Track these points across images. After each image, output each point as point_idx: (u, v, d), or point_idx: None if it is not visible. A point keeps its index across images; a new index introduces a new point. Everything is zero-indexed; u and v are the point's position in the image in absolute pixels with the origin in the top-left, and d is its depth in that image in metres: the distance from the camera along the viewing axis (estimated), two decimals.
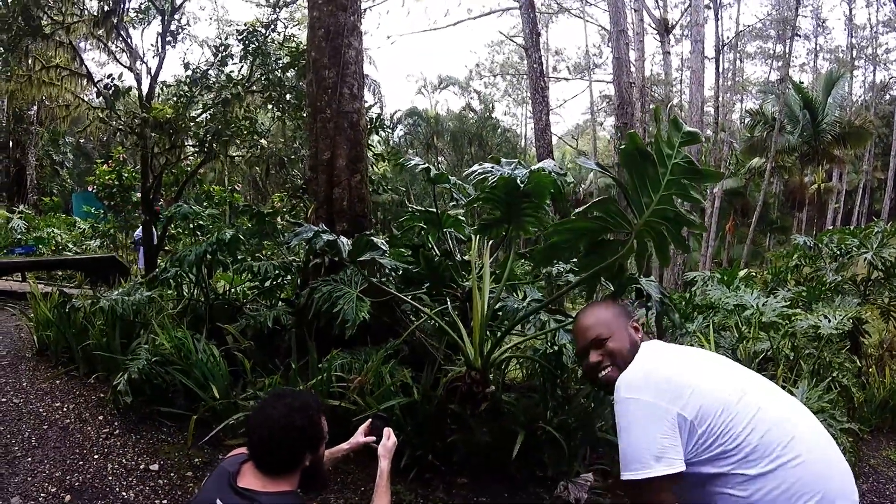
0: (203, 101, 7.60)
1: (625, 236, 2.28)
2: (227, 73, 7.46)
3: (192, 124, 7.13)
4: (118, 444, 3.18)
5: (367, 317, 3.08)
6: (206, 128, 7.18)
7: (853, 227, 8.18)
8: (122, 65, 7.38)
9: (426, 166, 3.26)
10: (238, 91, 7.11)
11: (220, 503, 1.53)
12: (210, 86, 7.34)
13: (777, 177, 25.84)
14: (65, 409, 3.48)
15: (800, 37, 28.59)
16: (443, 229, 3.84)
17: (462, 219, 4.03)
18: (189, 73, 7.36)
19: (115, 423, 3.37)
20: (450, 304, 3.41)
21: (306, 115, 5.42)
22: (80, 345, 3.96)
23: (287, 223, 6.25)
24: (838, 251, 5.61)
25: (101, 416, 3.43)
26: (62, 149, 21.24)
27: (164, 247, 8.50)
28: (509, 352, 3.23)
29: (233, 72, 7.56)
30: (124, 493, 2.77)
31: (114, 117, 7.11)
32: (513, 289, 3.80)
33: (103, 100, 7.07)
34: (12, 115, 18.46)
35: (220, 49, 7.50)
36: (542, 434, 2.96)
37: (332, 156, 4.15)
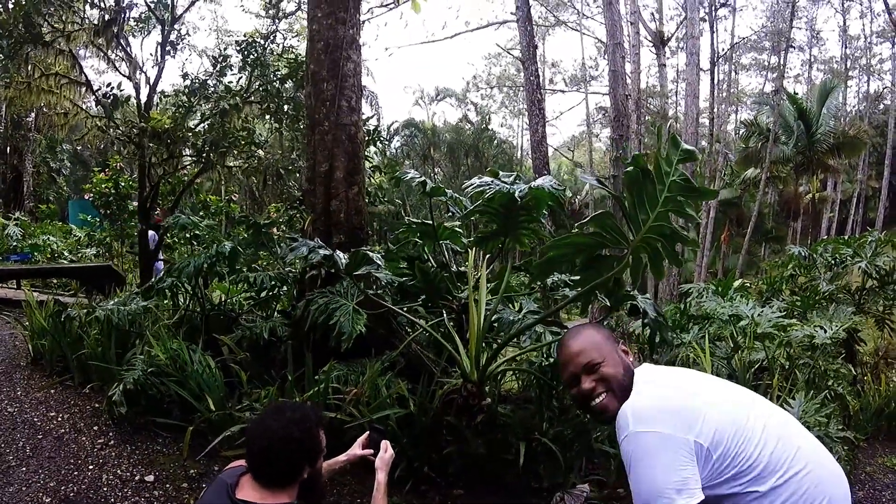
0: (201, 111, 7.62)
1: (621, 251, 2.31)
2: (225, 83, 7.48)
3: (190, 134, 7.14)
4: (113, 454, 3.16)
5: (364, 329, 3.09)
6: (203, 138, 7.18)
7: (847, 237, 8.23)
8: (121, 74, 7.40)
9: (422, 180, 3.30)
10: (236, 101, 7.13)
11: None
12: (208, 96, 7.36)
13: (772, 187, 25.98)
14: (59, 419, 3.47)
15: (794, 48, 28.98)
16: (439, 241, 3.86)
17: (459, 230, 4.05)
18: (188, 83, 7.38)
19: (110, 434, 3.35)
20: (446, 317, 3.42)
21: (304, 126, 5.45)
22: (75, 354, 3.95)
23: (283, 234, 6.26)
24: (833, 260, 5.64)
25: (95, 427, 3.42)
26: (59, 156, 21.22)
27: (160, 256, 8.48)
28: (505, 364, 3.24)
29: (231, 82, 7.59)
30: None
31: (112, 126, 7.12)
32: (509, 300, 3.82)
33: (102, 108, 7.08)
34: (10, 121, 18.45)
35: (219, 59, 7.53)
36: (537, 445, 2.97)
37: (330, 168, 4.17)
